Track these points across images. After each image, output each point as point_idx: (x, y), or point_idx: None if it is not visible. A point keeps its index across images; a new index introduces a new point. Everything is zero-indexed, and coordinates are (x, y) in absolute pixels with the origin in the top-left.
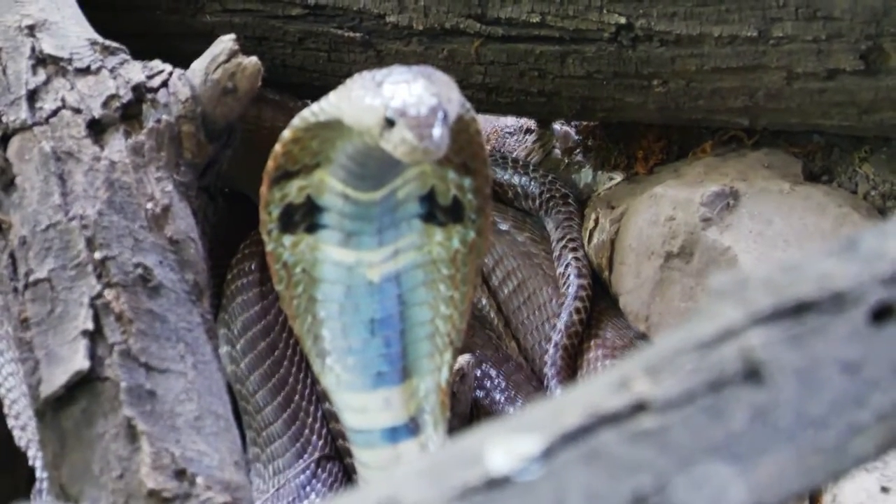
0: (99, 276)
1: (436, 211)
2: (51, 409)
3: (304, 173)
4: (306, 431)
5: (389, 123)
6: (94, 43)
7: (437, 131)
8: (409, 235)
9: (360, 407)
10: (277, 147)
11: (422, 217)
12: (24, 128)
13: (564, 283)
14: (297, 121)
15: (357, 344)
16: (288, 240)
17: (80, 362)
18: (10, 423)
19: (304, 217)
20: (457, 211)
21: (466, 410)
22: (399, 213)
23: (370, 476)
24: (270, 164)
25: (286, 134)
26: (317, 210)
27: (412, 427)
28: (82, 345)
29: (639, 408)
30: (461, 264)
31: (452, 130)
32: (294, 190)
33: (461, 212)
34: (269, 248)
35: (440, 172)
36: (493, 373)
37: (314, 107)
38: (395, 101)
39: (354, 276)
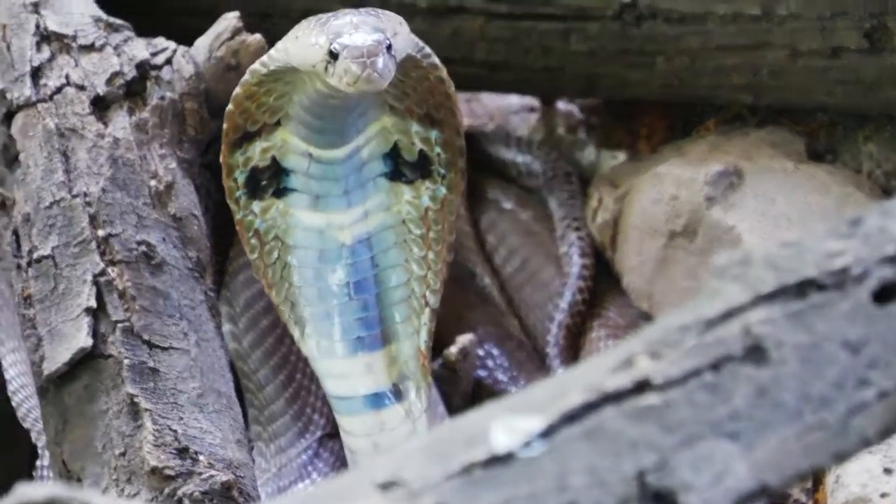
0: (102, 254)
1: (402, 168)
2: (53, 386)
3: (266, 133)
4: (308, 410)
5: (333, 56)
6: (98, 20)
7: (381, 60)
8: (377, 195)
9: (341, 373)
10: (231, 106)
11: (387, 176)
12: (28, 104)
13: (567, 262)
14: (247, 75)
15: (334, 309)
16: (257, 206)
17: (83, 339)
18: (14, 400)
19: (271, 181)
20: (425, 166)
21: (469, 389)
22: (365, 172)
23: (355, 444)
24: (226, 125)
25: (238, 90)
26: (283, 172)
27: (395, 393)
28: (85, 322)
29: (641, 386)
30: (433, 223)
31: (409, 76)
32: (257, 152)
33: (429, 167)
34: (238, 216)
35: (402, 126)
36: (495, 352)
37: (263, 57)
38: (339, 36)
39: (326, 239)
